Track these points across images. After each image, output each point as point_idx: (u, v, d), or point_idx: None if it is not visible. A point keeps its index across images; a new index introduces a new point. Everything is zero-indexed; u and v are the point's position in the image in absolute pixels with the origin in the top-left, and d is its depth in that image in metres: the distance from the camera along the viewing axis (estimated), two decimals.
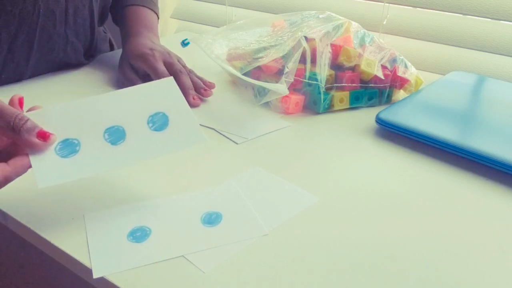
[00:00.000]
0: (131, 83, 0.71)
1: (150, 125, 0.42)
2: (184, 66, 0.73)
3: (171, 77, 0.46)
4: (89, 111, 0.42)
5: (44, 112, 0.42)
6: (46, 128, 0.40)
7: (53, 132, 0.40)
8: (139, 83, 0.72)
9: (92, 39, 0.81)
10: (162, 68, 0.70)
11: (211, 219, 0.43)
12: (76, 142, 0.40)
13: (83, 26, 0.77)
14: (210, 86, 0.72)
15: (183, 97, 0.45)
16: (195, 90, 0.70)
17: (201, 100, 0.70)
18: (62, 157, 0.39)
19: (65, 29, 0.74)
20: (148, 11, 0.84)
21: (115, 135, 0.41)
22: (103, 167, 0.39)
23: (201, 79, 0.72)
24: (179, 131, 0.42)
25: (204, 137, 0.43)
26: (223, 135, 0.59)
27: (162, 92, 0.45)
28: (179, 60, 0.73)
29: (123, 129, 0.41)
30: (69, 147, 0.40)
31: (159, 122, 0.42)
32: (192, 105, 0.67)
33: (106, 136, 0.41)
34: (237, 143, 0.57)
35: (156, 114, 0.43)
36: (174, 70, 0.70)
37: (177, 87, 0.46)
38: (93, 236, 0.41)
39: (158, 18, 0.88)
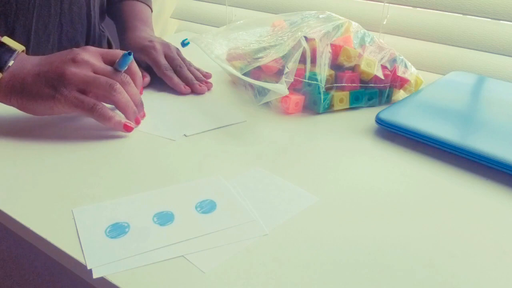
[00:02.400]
0: None
1: (198, 209, 0.45)
2: (183, 60, 0.75)
3: (220, 177, 0.50)
4: (139, 202, 0.46)
5: (95, 208, 0.45)
6: (96, 220, 0.43)
7: (104, 218, 0.43)
8: (141, 74, 0.73)
9: (89, 29, 0.81)
10: (164, 61, 0.72)
11: (206, 207, 0.45)
12: (125, 225, 0.43)
13: (79, 15, 0.77)
14: (207, 76, 0.76)
15: (232, 189, 0.48)
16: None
17: (207, 87, 0.73)
18: (111, 238, 0.41)
19: (60, 17, 0.74)
20: (142, 5, 0.88)
21: (164, 218, 0.44)
22: (151, 246, 0.40)
23: (198, 69, 0.76)
24: (227, 213, 0.44)
25: (253, 217, 0.44)
26: (224, 136, 0.59)
27: (210, 186, 0.48)
28: (178, 53, 0.76)
29: (172, 213, 0.44)
30: (119, 229, 0.42)
31: (206, 207, 0.45)
32: (199, 92, 0.71)
33: (155, 219, 0.43)
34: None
35: (204, 200, 0.46)
36: (174, 64, 0.73)
37: (225, 183, 0.49)
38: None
39: (152, 11, 0.91)
